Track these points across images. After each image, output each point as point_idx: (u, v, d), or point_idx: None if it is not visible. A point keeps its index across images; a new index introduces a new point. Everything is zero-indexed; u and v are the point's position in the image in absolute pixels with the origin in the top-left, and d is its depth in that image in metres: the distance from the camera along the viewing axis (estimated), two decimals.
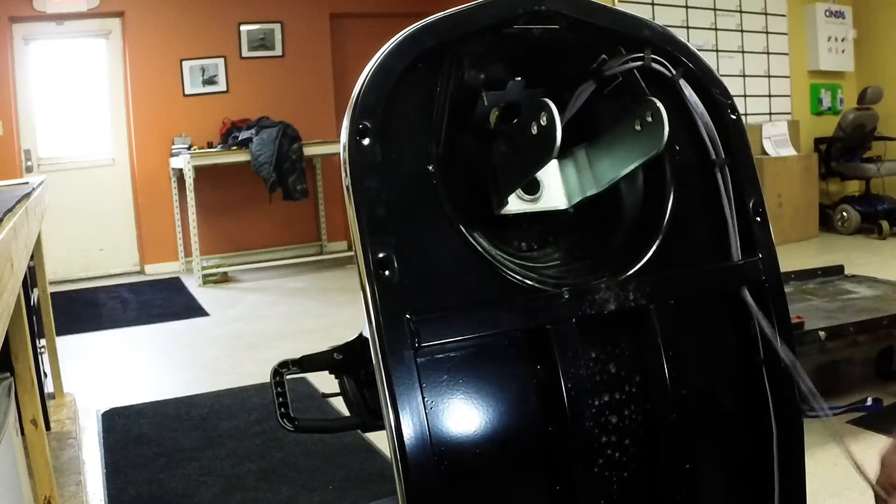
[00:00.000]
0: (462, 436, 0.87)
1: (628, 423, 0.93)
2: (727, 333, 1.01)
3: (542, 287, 0.88)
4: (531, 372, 0.89)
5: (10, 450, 1.50)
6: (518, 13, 0.89)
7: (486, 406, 0.89)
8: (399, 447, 0.81)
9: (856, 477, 0.88)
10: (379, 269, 0.81)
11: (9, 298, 1.08)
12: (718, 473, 1.01)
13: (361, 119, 0.82)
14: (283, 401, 0.98)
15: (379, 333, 0.81)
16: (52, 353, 3.20)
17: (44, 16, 6.49)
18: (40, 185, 2.48)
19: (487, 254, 0.87)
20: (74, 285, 6.52)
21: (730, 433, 1.01)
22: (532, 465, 0.90)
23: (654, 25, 1.02)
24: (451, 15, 0.87)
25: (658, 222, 0.97)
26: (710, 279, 0.99)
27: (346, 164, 0.82)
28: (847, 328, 2.82)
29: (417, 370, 0.82)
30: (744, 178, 1.01)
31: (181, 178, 6.48)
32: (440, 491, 0.83)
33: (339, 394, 0.99)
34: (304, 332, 4.57)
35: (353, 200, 0.82)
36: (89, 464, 2.77)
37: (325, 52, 7.33)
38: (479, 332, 0.87)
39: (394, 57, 0.84)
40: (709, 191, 1.00)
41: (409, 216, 0.84)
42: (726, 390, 1.01)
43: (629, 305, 0.92)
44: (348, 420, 0.98)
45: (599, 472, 0.91)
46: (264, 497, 2.47)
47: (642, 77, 0.98)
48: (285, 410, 0.97)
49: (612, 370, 0.93)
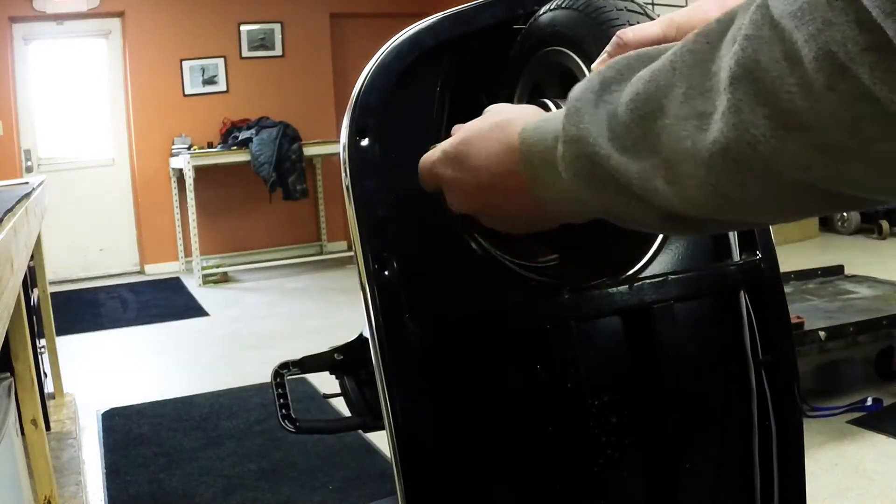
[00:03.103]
0: (462, 436, 0.87)
1: (628, 423, 0.93)
2: (727, 333, 1.01)
3: (542, 287, 0.88)
4: (531, 372, 0.89)
5: (10, 450, 1.50)
6: (518, 13, 0.89)
7: (486, 406, 0.89)
8: (399, 447, 0.81)
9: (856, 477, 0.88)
10: (379, 269, 0.81)
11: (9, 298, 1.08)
12: (718, 473, 1.01)
13: (361, 119, 0.82)
14: (284, 402, 0.98)
15: (379, 334, 0.81)
16: (52, 353, 3.20)
17: (44, 16, 6.49)
18: (40, 185, 2.48)
19: (487, 254, 0.87)
20: (74, 285, 6.52)
21: (730, 433, 1.01)
22: (532, 465, 0.90)
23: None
24: (451, 15, 0.87)
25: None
26: (711, 279, 0.99)
27: (346, 164, 0.82)
28: (847, 328, 2.82)
29: (417, 370, 0.82)
30: None
31: (181, 178, 6.49)
32: (440, 491, 0.83)
33: (339, 394, 0.99)
34: (304, 333, 4.57)
35: (352, 200, 0.82)
36: (89, 464, 2.77)
37: (325, 52, 7.33)
38: (479, 331, 0.87)
39: (394, 57, 0.84)
40: None
41: (409, 216, 0.84)
42: (726, 390, 1.01)
43: (629, 305, 0.92)
44: (349, 420, 0.98)
45: (599, 472, 0.91)
46: (264, 497, 2.47)
47: None
48: (286, 411, 0.97)
49: (613, 370, 0.93)
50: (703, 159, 0.43)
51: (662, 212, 0.49)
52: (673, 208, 0.48)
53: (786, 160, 0.39)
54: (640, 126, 0.47)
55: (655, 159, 0.46)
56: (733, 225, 0.49)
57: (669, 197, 0.47)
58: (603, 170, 0.50)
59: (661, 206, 0.48)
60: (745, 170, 0.41)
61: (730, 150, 0.41)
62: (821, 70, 0.36)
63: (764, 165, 0.40)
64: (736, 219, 0.49)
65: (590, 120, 0.50)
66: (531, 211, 0.62)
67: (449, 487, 0.85)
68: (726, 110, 0.40)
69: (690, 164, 0.44)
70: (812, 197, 0.42)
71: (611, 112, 0.49)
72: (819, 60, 0.36)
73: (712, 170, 0.43)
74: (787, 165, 0.40)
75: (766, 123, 0.39)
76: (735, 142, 0.40)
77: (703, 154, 0.43)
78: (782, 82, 0.37)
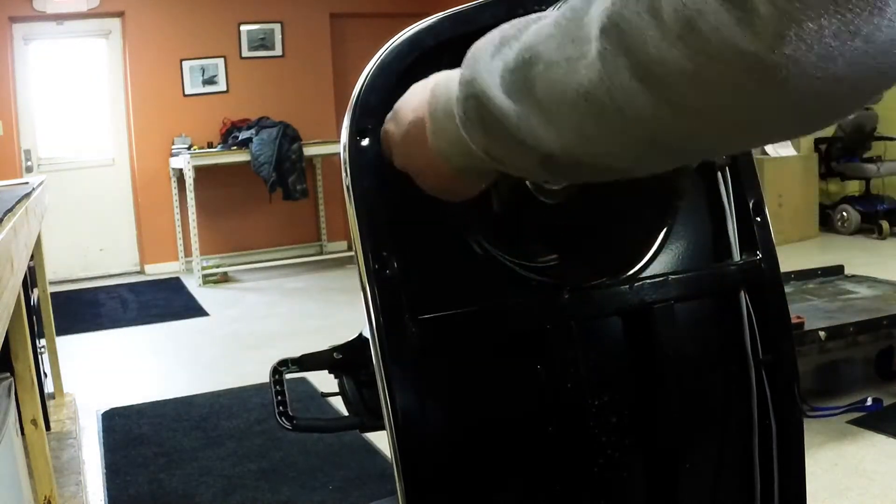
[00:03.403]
0: (462, 436, 0.87)
1: (628, 423, 0.93)
2: (727, 333, 1.01)
3: (542, 287, 0.88)
4: (531, 372, 0.89)
5: (10, 450, 1.50)
6: (518, 13, 0.89)
7: (486, 406, 0.89)
8: (399, 447, 0.81)
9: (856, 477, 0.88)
10: (379, 269, 0.81)
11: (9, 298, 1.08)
12: (718, 473, 1.01)
13: (361, 119, 0.82)
14: (281, 399, 0.98)
15: (379, 333, 0.81)
16: (52, 353, 3.20)
17: (44, 16, 6.49)
18: (40, 185, 2.48)
19: (487, 254, 0.87)
20: (74, 285, 6.52)
21: (730, 433, 1.01)
22: (532, 465, 0.90)
23: None
24: (451, 15, 0.87)
25: (658, 222, 0.97)
26: (711, 279, 0.99)
27: (346, 164, 0.82)
28: (847, 328, 2.82)
29: (417, 370, 0.82)
30: (744, 178, 1.01)
31: (181, 178, 6.49)
32: (440, 491, 0.83)
33: (338, 393, 0.99)
34: (304, 332, 4.57)
35: (352, 200, 0.82)
36: (89, 464, 2.77)
37: (325, 52, 7.33)
38: (480, 331, 0.87)
39: (394, 57, 0.84)
40: (709, 191, 1.01)
41: (409, 216, 0.84)
42: (726, 390, 1.01)
43: (629, 305, 0.92)
44: (347, 420, 0.98)
45: (599, 472, 0.91)
46: (264, 497, 2.47)
47: None
48: (284, 409, 0.97)
49: (613, 370, 0.93)
50: (570, 100, 0.47)
51: (538, 154, 0.53)
52: (548, 149, 0.52)
53: (636, 110, 0.43)
54: (521, 72, 0.51)
55: (532, 101, 0.51)
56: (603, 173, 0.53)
57: (543, 136, 0.51)
58: (489, 112, 0.54)
59: (537, 148, 0.52)
60: (602, 114, 0.45)
61: (591, 94, 0.45)
62: (677, 21, 0.39)
63: (619, 114, 0.44)
64: (601, 163, 0.52)
65: (484, 67, 0.55)
66: (434, 166, 0.67)
67: (449, 487, 0.85)
68: (594, 58, 0.44)
69: (560, 105, 0.48)
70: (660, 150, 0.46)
71: (505, 61, 0.54)
72: (677, 12, 0.39)
73: (576, 110, 0.47)
74: (636, 115, 0.43)
75: (624, 73, 0.42)
76: (596, 86, 0.44)
77: (569, 95, 0.47)
78: (641, 34, 0.41)
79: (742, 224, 1.01)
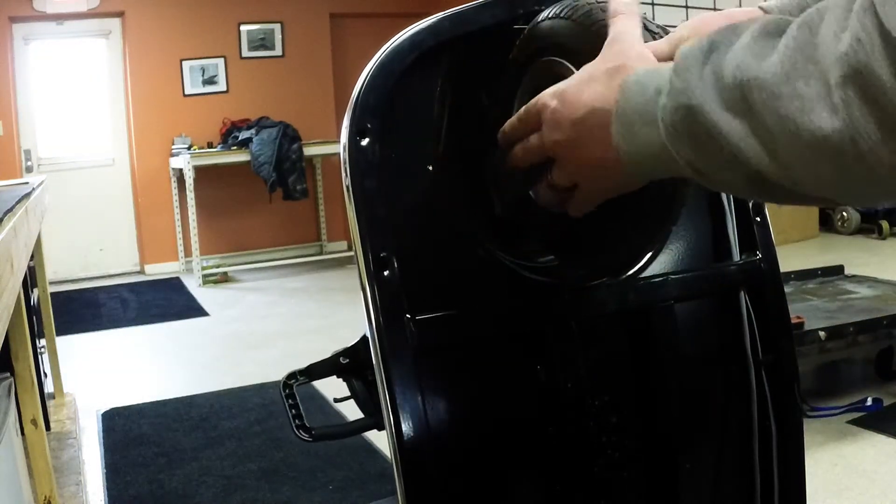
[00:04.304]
0: (462, 436, 0.87)
1: (628, 423, 0.93)
2: (727, 333, 1.01)
3: (542, 287, 0.88)
4: (531, 372, 0.89)
5: (10, 450, 1.50)
6: (518, 13, 0.88)
7: (486, 406, 0.89)
8: (399, 447, 0.81)
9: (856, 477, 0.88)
10: (379, 269, 0.81)
11: (9, 298, 1.08)
12: (718, 473, 1.01)
13: (361, 119, 0.82)
14: (296, 412, 0.98)
15: (379, 333, 0.81)
16: (52, 353, 3.20)
17: (44, 16, 6.49)
18: (40, 185, 2.48)
19: (487, 254, 0.87)
20: (74, 285, 6.52)
21: (730, 433, 1.01)
22: (532, 466, 0.90)
23: (654, 26, 1.02)
24: (451, 15, 0.87)
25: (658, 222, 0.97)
26: (711, 279, 0.99)
27: (346, 164, 0.82)
28: (847, 328, 2.82)
29: (417, 370, 0.82)
30: None
31: (181, 178, 6.49)
32: (440, 491, 0.83)
33: (349, 397, 0.99)
34: (304, 332, 4.57)
35: (352, 200, 0.82)
36: (89, 464, 2.78)
37: (325, 52, 7.33)
38: (480, 331, 0.87)
39: (394, 57, 0.84)
40: (709, 190, 1.00)
41: (409, 216, 0.84)
42: (726, 390, 1.01)
43: (629, 305, 0.92)
44: (363, 422, 0.98)
45: (599, 472, 0.91)
46: (264, 497, 2.48)
47: None
48: (300, 422, 0.97)
49: (613, 370, 0.93)
50: (808, 141, 0.47)
51: (750, 174, 0.52)
52: (764, 173, 0.51)
53: (878, 157, 0.44)
54: (739, 90, 0.50)
55: (755, 123, 0.50)
56: (816, 201, 0.55)
57: (765, 161, 0.51)
58: (701, 125, 0.53)
59: (751, 168, 0.52)
60: (840, 157, 0.46)
61: (832, 140, 0.45)
62: None
63: (859, 160, 0.45)
64: (821, 195, 0.53)
65: (696, 76, 0.54)
66: (605, 159, 0.64)
67: (449, 487, 0.85)
68: (837, 105, 0.45)
69: (793, 141, 0.48)
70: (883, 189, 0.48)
71: (717, 73, 0.52)
72: None
73: (814, 152, 0.47)
74: (877, 162, 0.45)
75: (871, 124, 0.43)
76: (839, 133, 0.45)
77: (805, 136, 0.47)
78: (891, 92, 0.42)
79: (742, 224, 1.01)
